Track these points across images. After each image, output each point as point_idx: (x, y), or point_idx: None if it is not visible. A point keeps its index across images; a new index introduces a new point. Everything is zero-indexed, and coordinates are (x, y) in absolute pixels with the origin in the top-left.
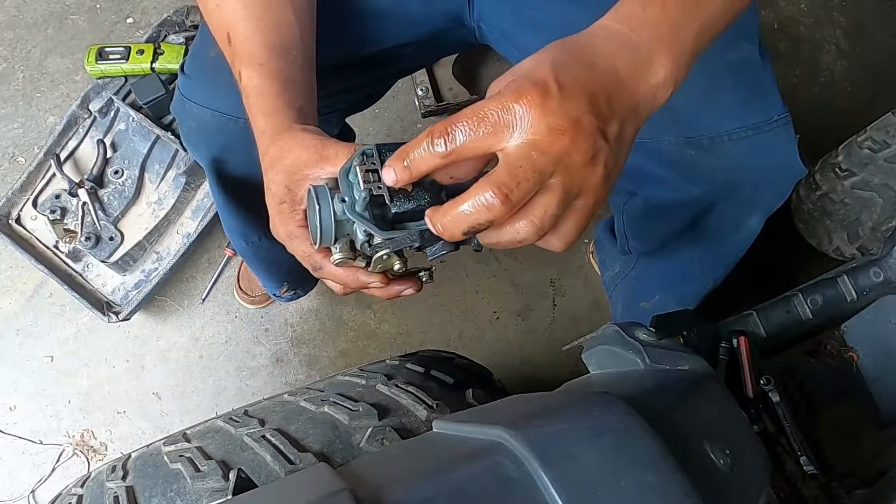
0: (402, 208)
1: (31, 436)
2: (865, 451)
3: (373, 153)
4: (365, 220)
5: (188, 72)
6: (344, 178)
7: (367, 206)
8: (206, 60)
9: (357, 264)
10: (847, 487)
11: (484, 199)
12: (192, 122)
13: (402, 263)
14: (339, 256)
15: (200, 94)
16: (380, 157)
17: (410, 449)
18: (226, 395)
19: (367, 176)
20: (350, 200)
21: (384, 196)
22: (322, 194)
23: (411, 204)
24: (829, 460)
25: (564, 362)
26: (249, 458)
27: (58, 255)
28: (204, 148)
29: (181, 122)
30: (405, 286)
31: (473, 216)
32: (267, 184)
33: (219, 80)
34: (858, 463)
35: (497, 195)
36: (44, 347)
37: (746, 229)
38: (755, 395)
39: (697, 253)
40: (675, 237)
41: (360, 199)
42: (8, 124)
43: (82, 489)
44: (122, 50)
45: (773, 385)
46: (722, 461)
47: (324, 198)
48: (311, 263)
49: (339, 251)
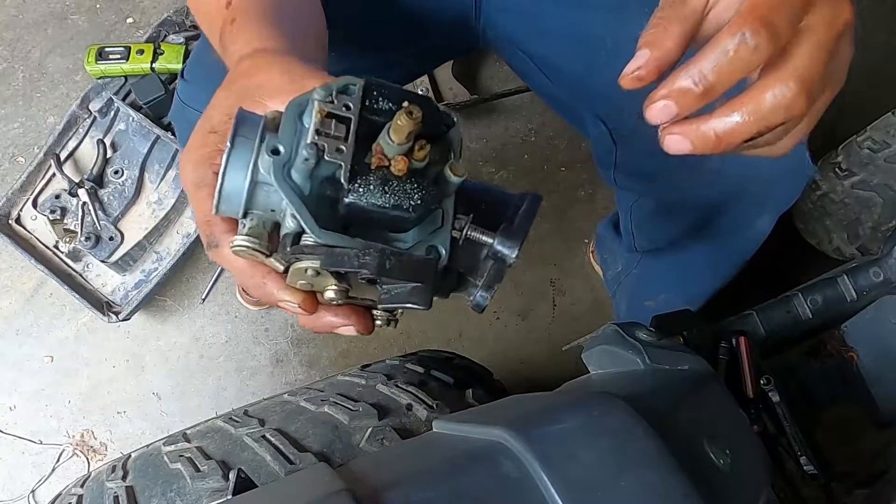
0: (368, 200)
1: (31, 436)
2: (865, 451)
3: (355, 91)
4: (295, 196)
5: (189, 78)
6: (291, 116)
7: (309, 173)
8: (209, 66)
9: (270, 263)
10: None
11: (787, 89)
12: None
13: (339, 291)
14: (241, 241)
15: (202, 101)
16: (365, 101)
17: (410, 449)
18: (226, 395)
19: (326, 123)
20: (286, 155)
21: (342, 168)
22: (246, 128)
23: (386, 198)
24: (829, 460)
25: (564, 362)
26: (249, 458)
27: (58, 255)
28: None
29: (180, 129)
30: (344, 321)
31: (774, 108)
32: (208, 107)
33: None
34: (858, 463)
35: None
36: (44, 347)
37: (757, 229)
38: (755, 395)
39: (706, 251)
40: (684, 235)
41: (301, 158)
42: (8, 124)
43: (82, 489)
44: (122, 50)
45: (773, 385)
46: (722, 461)
47: (246, 135)
48: (207, 234)
49: (246, 232)
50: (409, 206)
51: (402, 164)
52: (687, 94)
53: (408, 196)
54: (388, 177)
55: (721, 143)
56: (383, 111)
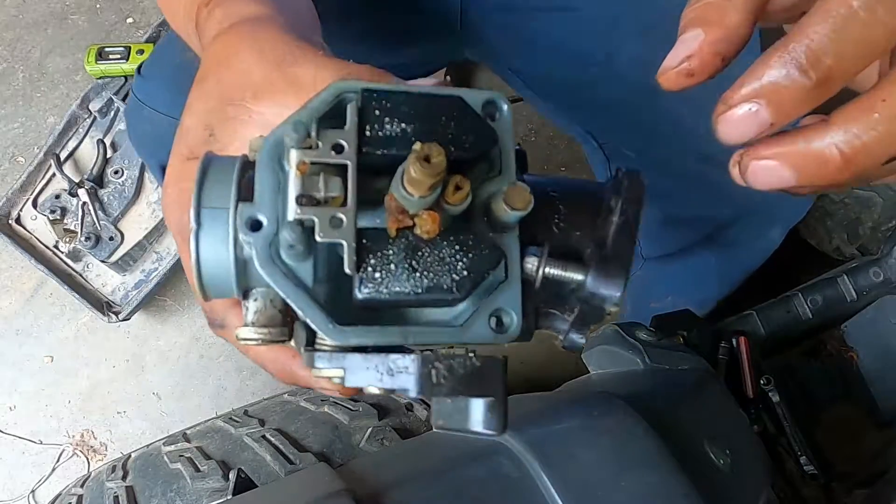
0: (390, 289)
1: (31, 436)
2: (865, 451)
3: (349, 116)
4: (292, 289)
5: (147, 75)
6: (267, 165)
7: (302, 257)
8: (170, 65)
9: (294, 346)
10: (847, 487)
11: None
12: (147, 127)
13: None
14: (247, 333)
15: (159, 100)
16: (365, 131)
17: (410, 449)
18: (226, 395)
19: (310, 182)
20: (270, 227)
21: (344, 250)
22: (214, 189)
23: (416, 279)
24: (829, 460)
25: (564, 362)
26: (249, 458)
27: (58, 255)
28: (159, 154)
29: (134, 127)
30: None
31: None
32: (183, 115)
33: (182, 85)
34: (858, 463)
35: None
36: (44, 347)
37: (768, 240)
38: (755, 395)
39: (715, 259)
40: (693, 244)
41: (285, 243)
42: (8, 124)
43: (82, 489)
44: (122, 50)
45: (773, 385)
46: (722, 461)
47: (214, 204)
48: (206, 309)
49: (252, 320)
50: (453, 283)
51: (431, 222)
52: (790, 90)
53: (448, 267)
54: (414, 244)
55: (850, 166)
56: (395, 138)
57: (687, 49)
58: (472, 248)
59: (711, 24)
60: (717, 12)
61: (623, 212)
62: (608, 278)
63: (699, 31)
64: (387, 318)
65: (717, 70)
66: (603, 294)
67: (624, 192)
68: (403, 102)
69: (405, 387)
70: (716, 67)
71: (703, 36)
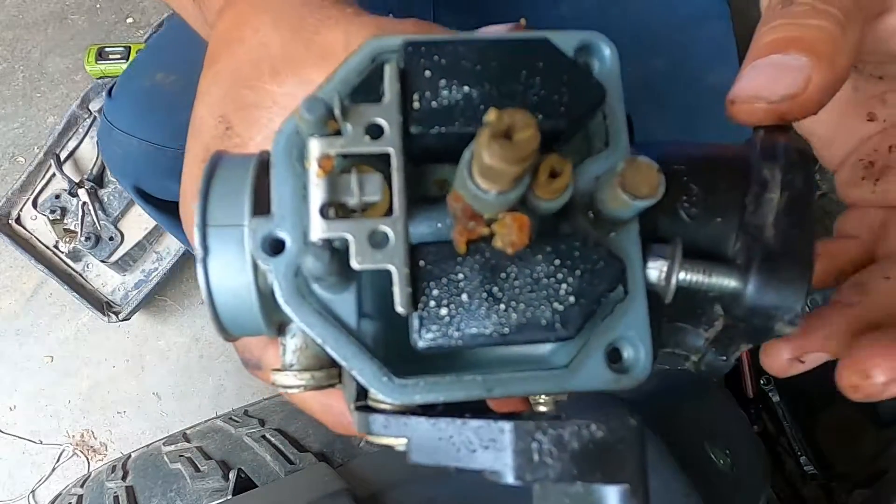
0: (463, 332)
1: (31, 436)
2: (865, 451)
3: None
4: (331, 331)
5: (116, 97)
6: (285, 165)
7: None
8: (138, 88)
9: (340, 389)
10: (847, 487)
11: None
12: (118, 149)
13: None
14: (284, 380)
15: (128, 122)
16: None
17: None
18: (226, 395)
19: (338, 184)
20: (295, 249)
21: (393, 281)
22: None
23: (500, 315)
24: (829, 460)
25: None
26: (249, 458)
27: (58, 255)
28: (131, 176)
29: (105, 149)
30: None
31: None
32: (195, 107)
33: (151, 107)
34: (858, 463)
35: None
36: (44, 347)
37: None
38: (755, 395)
39: None
40: None
41: (309, 274)
42: (8, 124)
43: (82, 489)
44: (122, 50)
45: (773, 385)
46: (722, 461)
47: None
48: (239, 348)
49: (288, 362)
50: (556, 316)
51: (518, 230)
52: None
53: (547, 292)
54: (494, 263)
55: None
56: (456, 108)
57: (791, 80)
58: (579, 262)
59: (822, 59)
60: (828, 45)
61: (787, 184)
62: (781, 283)
63: (805, 58)
64: (462, 361)
65: (805, 117)
66: (774, 305)
67: (782, 157)
68: (465, 55)
69: (495, 468)
70: (809, 114)
71: (810, 70)
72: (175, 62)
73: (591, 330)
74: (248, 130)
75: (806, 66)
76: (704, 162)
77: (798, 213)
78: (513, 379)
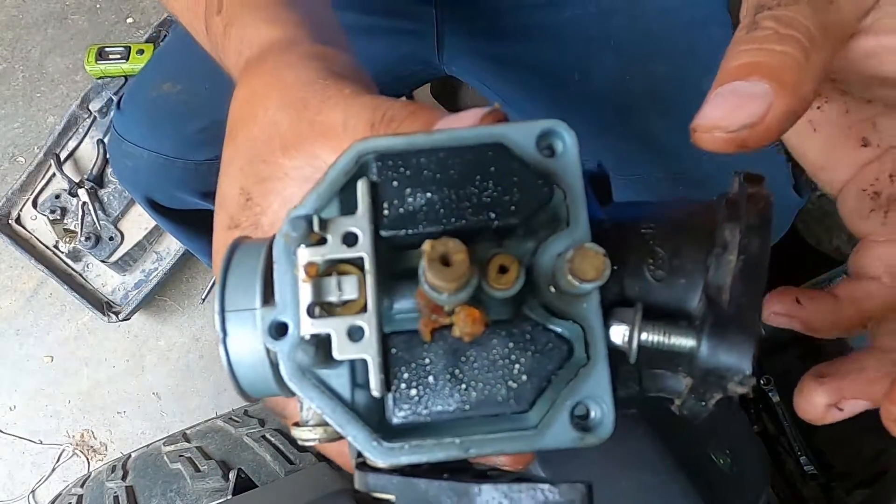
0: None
1: (31, 436)
2: (865, 451)
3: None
4: (329, 404)
5: (125, 110)
6: (284, 259)
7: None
8: (146, 100)
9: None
10: (847, 487)
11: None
12: (128, 162)
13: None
14: (305, 435)
15: (137, 134)
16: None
17: None
18: (226, 395)
19: (322, 286)
20: (296, 332)
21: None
22: (239, 287)
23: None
24: (829, 460)
25: None
26: (249, 458)
27: (58, 255)
28: (142, 188)
29: (115, 161)
30: None
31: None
32: (220, 178)
33: (158, 119)
34: (858, 463)
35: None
36: (44, 347)
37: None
38: (755, 395)
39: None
40: None
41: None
42: (8, 124)
43: (82, 489)
44: (122, 50)
45: (773, 385)
46: (722, 461)
47: (239, 306)
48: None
49: (306, 418)
50: (510, 393)
51: (470, 322)
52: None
53: (501, 372)
54: (455, 347)
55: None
56: (418, 213)
57: (751, 110)
58: (530, 344)
59: (784, 86)
60: (792, 73)
61: (744, 248)
62: (731, 346)
63: (766, 86)
64: (443, 425)
65: (768, 143)
66: (726, 367)
67: (744, 217)
68: (427, 164)
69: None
70: (771, 141)
71: (772, 97)
72: (181, 71)
73: (558, 393)
74: (265, 199)
75: (768, 94)
76: (672, 224)
77: (750, 278)
78: (486, 440)
